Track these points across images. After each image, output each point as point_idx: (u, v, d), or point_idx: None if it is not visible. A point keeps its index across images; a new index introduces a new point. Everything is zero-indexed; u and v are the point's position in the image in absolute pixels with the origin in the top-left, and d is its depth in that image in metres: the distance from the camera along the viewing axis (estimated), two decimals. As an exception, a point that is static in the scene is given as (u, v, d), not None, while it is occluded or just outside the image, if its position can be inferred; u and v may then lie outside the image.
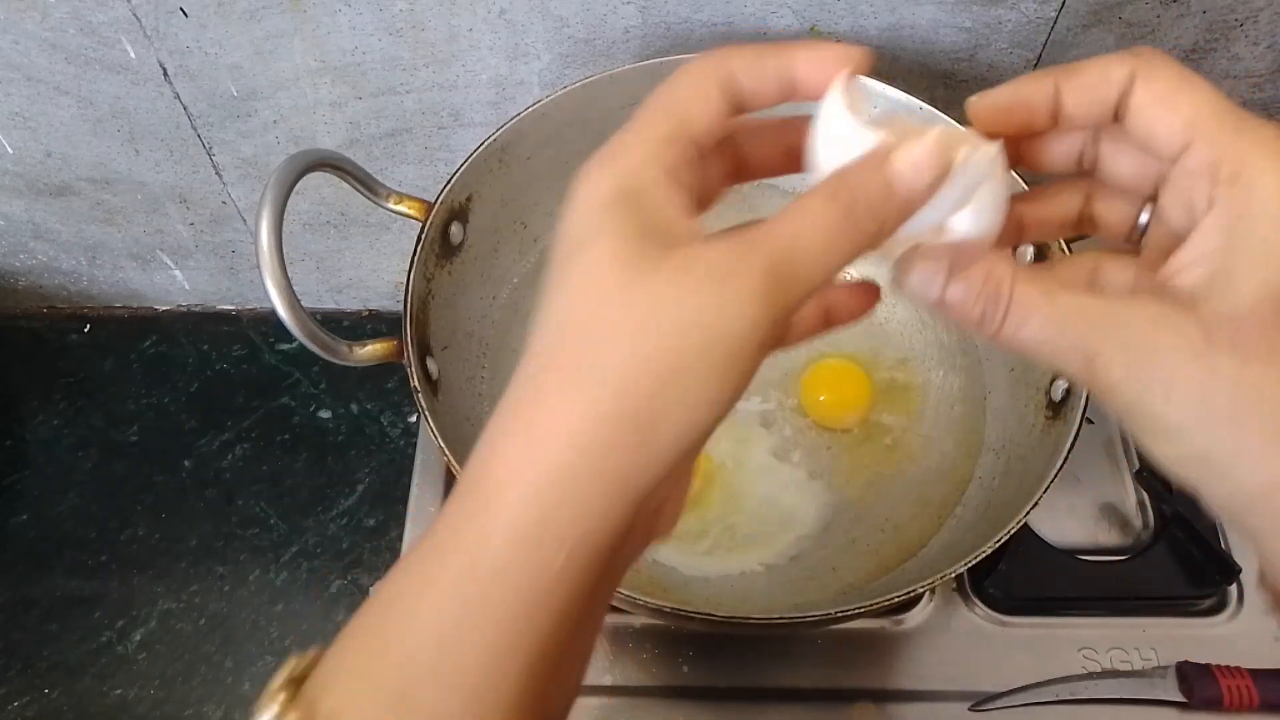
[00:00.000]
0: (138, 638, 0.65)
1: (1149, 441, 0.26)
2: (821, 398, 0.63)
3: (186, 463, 0.73)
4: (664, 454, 0.22)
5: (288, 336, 0.46)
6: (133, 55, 0.59)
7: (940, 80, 0.67)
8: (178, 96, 0.62)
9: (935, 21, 0.62)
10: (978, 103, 0.28)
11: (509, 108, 0.65)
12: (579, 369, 0.22)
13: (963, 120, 0.29)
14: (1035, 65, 0.66)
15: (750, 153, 0.29)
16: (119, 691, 0.63)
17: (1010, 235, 0.29)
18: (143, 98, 0.62)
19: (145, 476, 0.72)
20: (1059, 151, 0.29)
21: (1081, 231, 0.30)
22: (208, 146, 0.66)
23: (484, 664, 0.22)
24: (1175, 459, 0.26)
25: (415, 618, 0.23)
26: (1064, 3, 0.61)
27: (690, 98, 0.26)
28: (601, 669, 0.60)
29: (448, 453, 0.48)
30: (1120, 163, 0.29)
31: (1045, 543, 0.62)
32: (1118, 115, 0.27)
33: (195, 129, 0.64)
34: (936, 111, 0.57)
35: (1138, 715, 0.57)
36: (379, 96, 0.63)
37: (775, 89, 0.27)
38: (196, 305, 0.81)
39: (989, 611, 0.61)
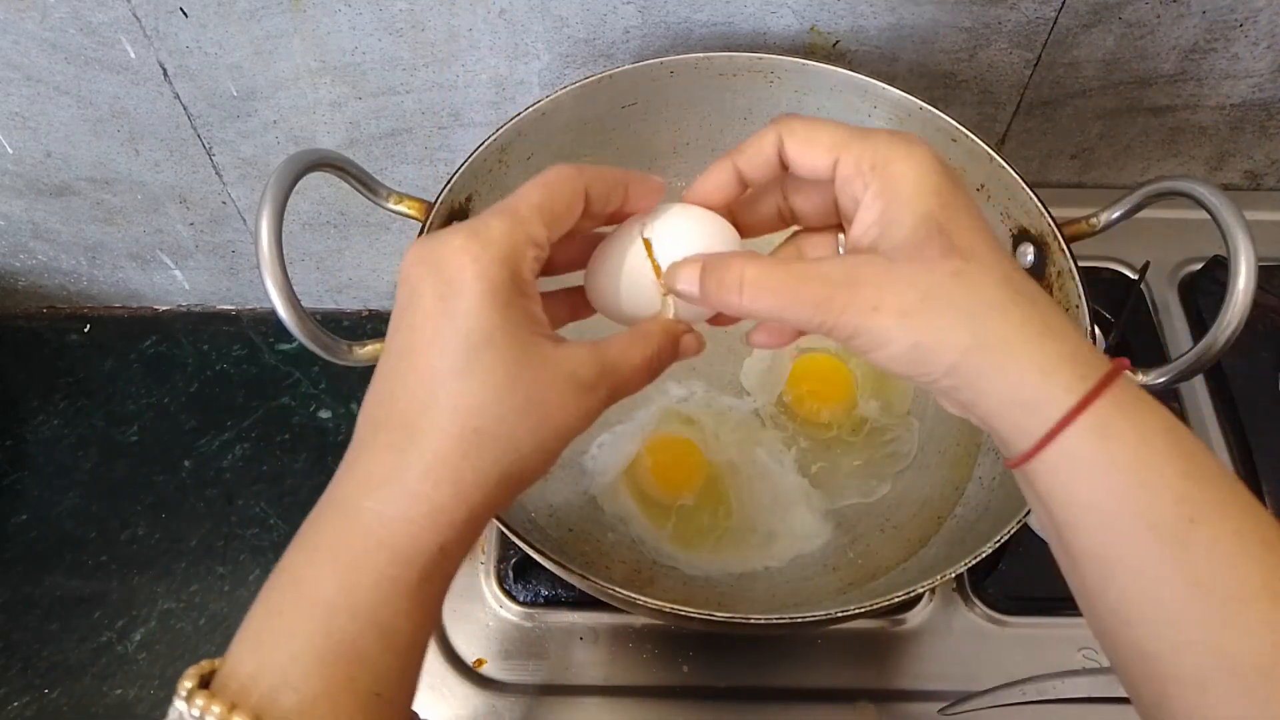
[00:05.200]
0: (138, 638, 0.65)
1: (877, 355, 0.33)
2: (804, 391, 0.63)
3: (186, 463, 0.73)
4: (519, 489, 0.34)
5: (288, 336, 0.46)
6: (133, 55, 0.59)
7: (940, 80, 0.67)
8: (178, 96, 0.62)
9: (935, 21, 0.62)
10: (691, 195, 0.39)
11: (509, 108, 0.65)
12: (496, 454, 0.32)
13: (960, 119, 0.30)
14: (1035, 65, 0.66)
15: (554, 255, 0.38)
16: (119, 691, 0.63)
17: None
18: (143, 98, 0.62)
19: (145, 476, 0.72)
20: (762, 214, 0.40)
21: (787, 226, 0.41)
22: (208, 146, 0.66)
23: (411, 629, 0.31)
24: (901, 359, 0.33)
25: (341, 588, 0.31)
26: (1064, 3, 0.61)
27: (565, 207, 0.35)
28: (601, 669, 0.60)
29: (447, 453, 0.48)
30: (808, 202, 0.39)
31: (1045, 543, 0.62)
32: (785, 166, 0.37)
33: (195, 129, 0.64)
34: (936, 112, 0.57)
35: (1116, 714, 0.57)
36: (379, 96, 0.63)
37: (614, 204, 0.37)
38: (196, 305, 0.81)
39: (989, 611, 0.61)
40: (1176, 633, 0.30)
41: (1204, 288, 0.73)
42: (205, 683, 0.30)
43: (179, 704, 0.30)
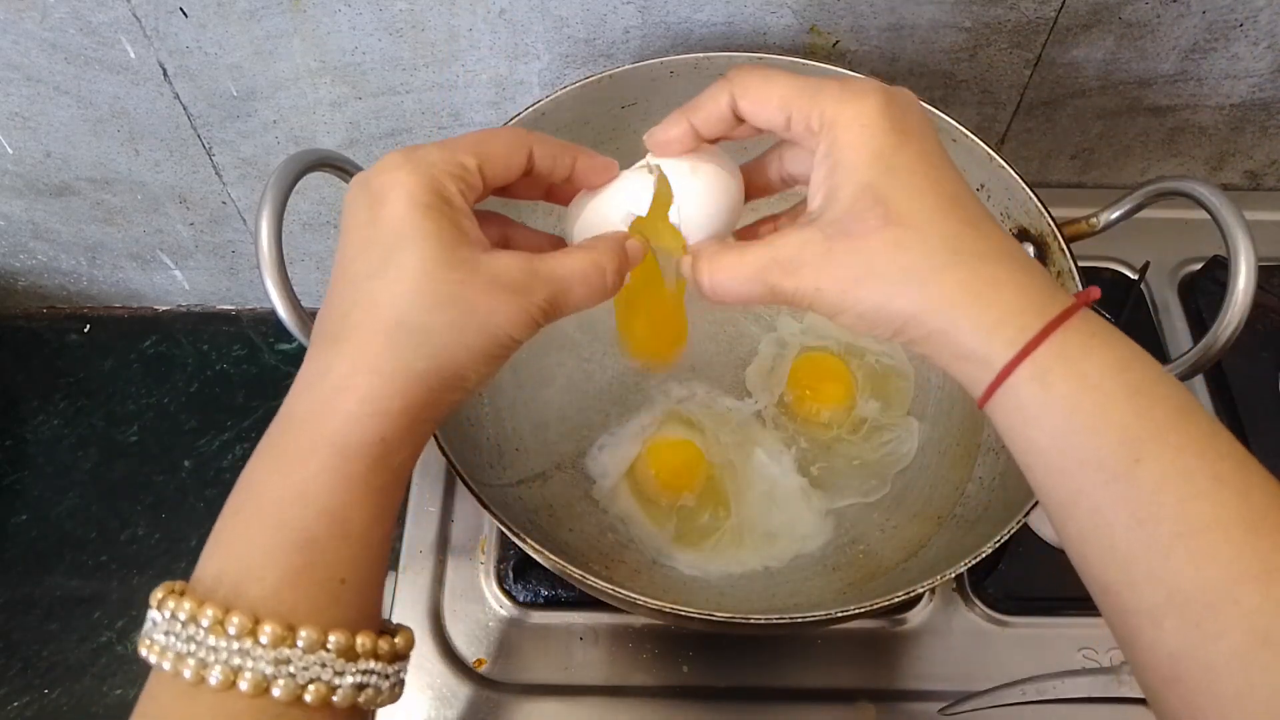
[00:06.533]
0: (137, 638, 0.65)
1: (835, 321, 0.35)
2: (805, 391, 0.63)
3: (186, 463, 0.73)
4: (459, 402, 0.35)
5: (288, 336, 0.46)
6: (133, 55, 0.59)
7: (940, 80, 0.67)
8: (178, 96, 0.62)
9: (935, 21, 0.62)
10: (649, 140, 0.40)
11: (509, 108, 0.65)
12: (416, 345, 0.33)
13: (960, 119, 0.31)
14: (1035, 65, 0.66)
15: (516, 190, 0.40)
16: (119, 691, 0.63)
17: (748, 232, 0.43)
18: (143, 98, 0.62)
19: (145, 476, 0.72)
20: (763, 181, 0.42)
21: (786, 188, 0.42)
22: (208, 146, 0.66)
23: (363, 520, 0.33)
24: (853, 326, 0.35)
25: (291, 482, 0.32)
26: (1064, 3, 0.61)
27: (503, 152, 0.37)
28: (601, 669, 0.60)
29: (447, 451, 0.48)
30: (801, 164, 0.39)
31: (1045, 543, 0.62)
32: (741, 120, 0.38)
33: (195, 129, 0.64)
34: (936, 112, 0.57)
35: (1116, 714, 0.57)
36: (379, 96, 0.63)
37: (560, 173, 0.39)
38: (196, 305, 0.81)
39: (989, 611, 0.61)
40: (1130, 568, 0.31)
41: (1204, 288, 0.73)
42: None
43: (151, 614, 0.32)
